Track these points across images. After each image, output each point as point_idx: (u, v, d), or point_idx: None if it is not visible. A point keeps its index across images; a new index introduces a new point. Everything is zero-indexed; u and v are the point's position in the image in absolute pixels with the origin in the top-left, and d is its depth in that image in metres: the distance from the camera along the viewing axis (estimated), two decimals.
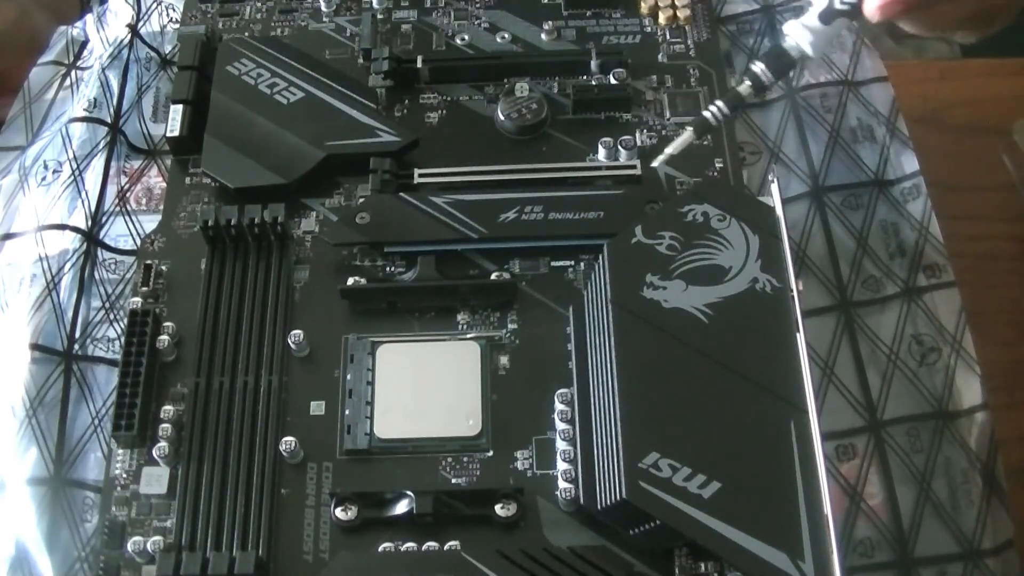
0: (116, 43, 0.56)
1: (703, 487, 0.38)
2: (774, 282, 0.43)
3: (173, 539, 0.42)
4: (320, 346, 0.46)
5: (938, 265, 0.48)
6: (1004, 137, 0.59)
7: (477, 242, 0.48)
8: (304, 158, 0.50)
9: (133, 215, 0.51)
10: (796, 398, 0.40)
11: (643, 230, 0.45)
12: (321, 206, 0.50)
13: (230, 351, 0.46)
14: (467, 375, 0.45)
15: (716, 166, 0.51)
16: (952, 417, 0.45)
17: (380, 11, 0.58)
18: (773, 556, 0.37)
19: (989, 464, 0.44)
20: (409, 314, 0.47)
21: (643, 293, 0.43)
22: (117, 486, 0.43)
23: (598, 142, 0.51)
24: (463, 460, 0.43)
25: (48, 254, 0.49)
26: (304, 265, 0.49)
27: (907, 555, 0.42)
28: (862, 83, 0.54)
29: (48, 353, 0.46)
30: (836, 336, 0.46)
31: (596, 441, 0.41)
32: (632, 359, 0.41)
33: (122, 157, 0.53)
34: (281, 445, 0.43)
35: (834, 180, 0.51)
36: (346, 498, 0.42)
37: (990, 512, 0.43)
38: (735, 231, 0.45)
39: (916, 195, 0.51)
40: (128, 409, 0.44)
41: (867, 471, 0.43)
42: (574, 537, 0.41)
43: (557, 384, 0.44)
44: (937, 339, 0.46)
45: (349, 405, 0.44)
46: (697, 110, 0.53)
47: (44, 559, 0.42)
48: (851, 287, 0.48)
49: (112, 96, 0.54)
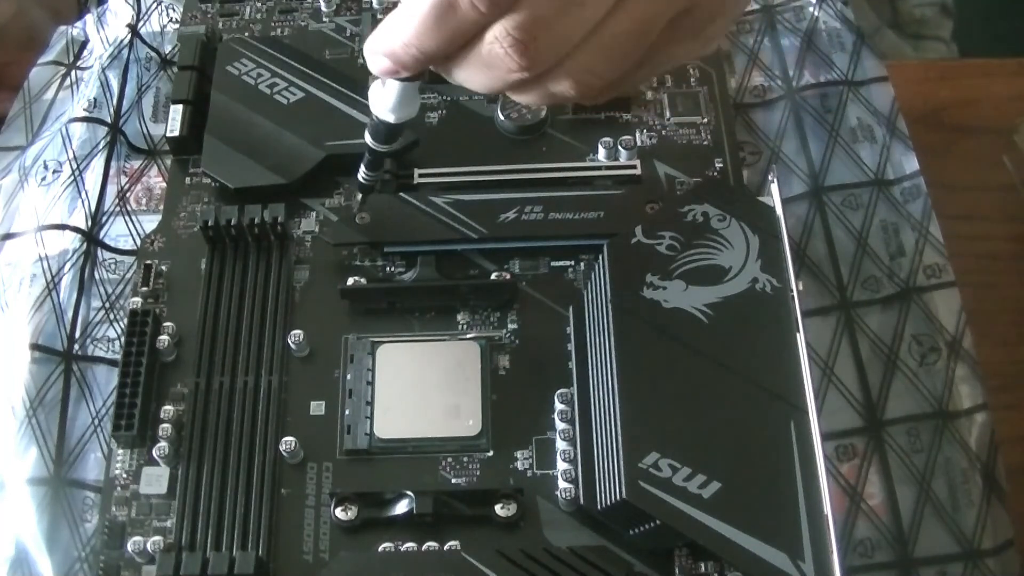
0: (116, 43, 0.56)
1: (703, 487, 0.38)
2: (774, 282, 0.43)
3: (173, 539, 0.42)
4: (320, 346, 0.46)
5: (938, 265, 0.49)
6: (1004, 137, 0.59)
7: (477, 242, 0.48)
8: (304, 158, 0.50)
9: (133, 215, 0.51)
10: (796, 398, 0.40)
11: (643, 230, 0.45)
12: (321, 206, 0.50)
13: (230, 351, 0.46)
14: (467, 375, 0.45)
15: (716, 166, 0.51)
16: (952, 417, 0.45)
17: (380, 11, 0.58)
18: (773, 556, 0.37)
19: (989, 464, 0.44)
20: (409, 314, 0.47)
21: (643, 293, 0.43)
22: (117, 486, 0.43)
23: (598, 142, 0.51)
24: (463, 460, 0.43)
25: (48, 254, 0.49)
26: (304, 265, 0.49)
27: (907, 555, 0.42)
28: (862, 83, 0.54)
29: (48, 353, 0.46)
30: (836, 336, 0.46)
31: (596, 441, 0.41)
32: (632, 359, 0.41)
33: (122, 157, 0.53)
34: (281, 445, 0.43)
35: (834, 180, 0.51)
36: (346, 498, 0.42)
37: (990, 512, 0.43)
38: (735, 231, 0.45)
39: (916, 195, 0.51)
40: (128, 409, 0.44)
41: (867, 471, 0.43)
42: (574, 537, 0.41)
43: (557, 384, 0.44)
44: (937, 339, 0.46)
45: (349, 405, 0.44)
46: (697, 110, 0.53)
47: (44, 559, 0.42)
48: (851, 287, 0.48)
49: (112, 96, 0.54)
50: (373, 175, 0.46)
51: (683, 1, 0.38)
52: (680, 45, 0.40)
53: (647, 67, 0.40)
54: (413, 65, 0.39)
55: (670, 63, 0.42)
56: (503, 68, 0.37)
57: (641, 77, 0.42)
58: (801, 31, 0.56)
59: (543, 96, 0.39)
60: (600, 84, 0.38)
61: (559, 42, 0.37)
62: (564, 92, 0.38)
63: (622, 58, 0.38)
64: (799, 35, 0.56)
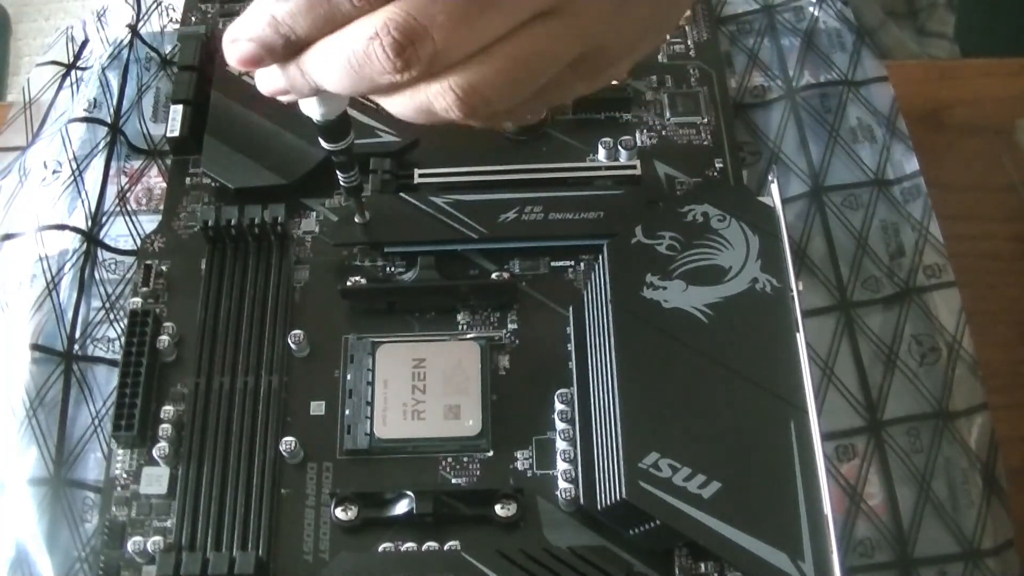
0: (116, 43, 0.56)
1: (703, 487, 0.38)
2: (774, 282, 0.43)
3: (173, 539, 0.42)
4: (320, 346, 0.46)
5: (938, 265, 0.49)
6: (1004, 137, 0.59)
7: (477, 242, 0.48)
8: (304, 158, 0.50)
9: (133, 215, 0.51)
10: (796, 398, 0.40)
11: (643, 230, 0.45)
12: (321, 206, 0.50)
13: (230, 351, 0.46)
14: (467, 375, 0.45)
15: (716, 166, 0.51)
16: (952, 417, 0.45)
17: None
18: (773, 556, 0.37)
19: (989, 464, 0.44)
20: (409, 314, 0.47)
21: (643, 293, 0.43)
22: (117, 486, 0.43)
23: (598, 142, 0.51)
24: (463, 460, 0.43)
25: (48, 254, 0.49)
26: (304, 265, 0.49)
27: (907, 555, 0.42)
28: (862, 83, 0.54)
29: (48, 353, 0.46)
30: (836, 336, 0.46)
31: (596, 441, 0.41)
32: (632, 359, 0.41)
33: (122, 157, 0.53)
34: (281, 445, 0.43)
35: (834, 180, 0.51)
36: (346, 498, 0.42)
37: (990, 512, 0.43)
38: (735, 231, 0.45)
39: (916, 195, 0.51)
40: (128, 409, 0.44)
41: (867, 471, 0.43)
42: (574, 537, 0.41)
43: (557, 384, 0.45)
44: (937, 339, 0.46)
45: (349, 405, 0.44)
46: (697, 110, 0.53)
47: (44, 559, 0.42)
48: (851, 287, 0.48)
49: (112, 96, 0.54)
50: (350, 176, 0.45)
51: (591, 42, 0.36)
52: (580, 82, 0.38)
53: (540, 99, 0.37)
54: (279, 50, 0.35)
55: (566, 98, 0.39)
56: (375, 67, 0.33)
57: (531, 109, 0.38)
58: (801, 31, 0.56)
59: (417, 108, 0.35)
60: (486, 109, 0.35)
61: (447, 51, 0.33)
62: (443, 108, 0.35)
63: (515, 84, 0.35)
64: (799, 35, 0.56)
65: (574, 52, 0.36)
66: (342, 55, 0.34)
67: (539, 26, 0.35)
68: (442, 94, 0.34)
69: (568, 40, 0.35)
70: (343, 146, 0.42)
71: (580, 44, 0.36)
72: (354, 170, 0.45)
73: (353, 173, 0.45)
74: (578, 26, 0.35)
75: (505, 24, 0.34)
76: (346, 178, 0.45)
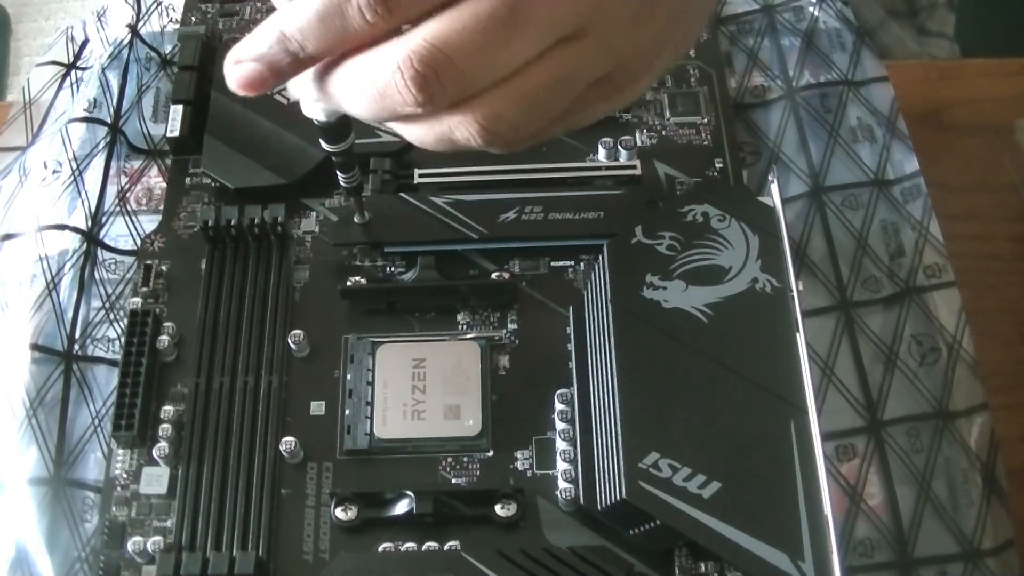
0: (116, 43, 0.56)
1: (703, 487, 0.38)
2: (774, 282, 0.43)
3: (173, 539, 0.42)
4: (320, 346, 0.46)
5: (938, 265, 0.48)
6: (1004, 137, 0.59)
7: (477, 242, 0.48)
8: (304, 158, 0.50)
9: (133, 215, 0.51)
10: (796, 398, 0.40)
11: (643, 230, 0.45)
12: (321, 206, 0.50)
13: (230, 351, 0.46)
14: (467, 375, 0.45)
15: (716, 166, 0.51)
16: (952, 417, 0.45)
17: None
18: (773, 556, 0.37)
19: (989, 464, 0.44)
20: (409, 314, 0.47)
21: (643, 293, 0.43)
22: (117, 486, 0.43)
23: (598, 142, 0.51)
24: (463, 460, 0.43)
25: (48, 254, 0.49)
26: (304, 265, 0.49)
27: (907, 555, 0.42)
28: (862, 83, 0.54)
29: (48, 353, 0.46)
30: (836, 336, 0.46)
31: (596, 441, 0.41)
32: (632, 359, 0.41)
33: (122, 157, 0.53)
34: (281, 445, 0.43)
35: (834, 180, 0.51)
36: (346, 498, 0.42)
37: (990, 512, 0.43)
38: (735, 231, 0.45)
39: (916, 195, 0.51)
40: (128, 409, 0.44)
41: (867, 471, 0.43)
42: (574, 537, 0.41)
43: (557, 384, 0.45)
44: (937, 339, 0.46)
45: (349, 405, 0.44)
46: (697, 110, 0.53)
47: (44, 559, 0.42)
48: (851, 287, 0.48)
49: (112, 96, 0.54)
50: (350, 176, 0.45)
51: (610, 63, 0.36)
52: (603, 103, 0.37)
53: (564, 122, 0.37)
54: (286, 68, 0.35)
55: (590, 119, 0.39)
56: (396, 99, 0.33)
57: (555, 131, 0.38)
58: (801, 31, 0.56)
59: (438, 138, 0.35)
60: (511, 136, 0.34)
61: (469, 82, 0.33)
62: (465, 138, 0.34)
63: (539, 110, 0.34)
64: (799, 35, 0.56)
65: (597, 73, 0.36)
66: (367, 83, 0.34)
67: (562, 51, 0.34)
68: (464, 124, 0.34)
69: (591, 62, 0.35)
70: (344, 147, 0.42)
71: (603, 65, 0.36)
72: (354, 170, 0.45)
73: (353, 173, 0.45)
74: (600, 47, 0.35)
75: (529, 52, 0.33)
76: (346, 178, 0.45)
